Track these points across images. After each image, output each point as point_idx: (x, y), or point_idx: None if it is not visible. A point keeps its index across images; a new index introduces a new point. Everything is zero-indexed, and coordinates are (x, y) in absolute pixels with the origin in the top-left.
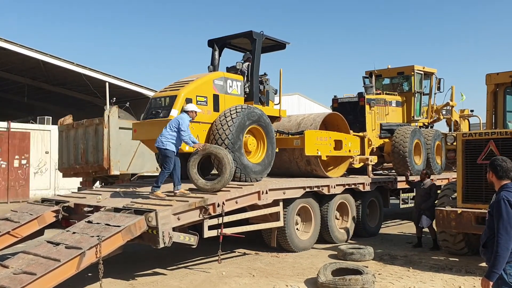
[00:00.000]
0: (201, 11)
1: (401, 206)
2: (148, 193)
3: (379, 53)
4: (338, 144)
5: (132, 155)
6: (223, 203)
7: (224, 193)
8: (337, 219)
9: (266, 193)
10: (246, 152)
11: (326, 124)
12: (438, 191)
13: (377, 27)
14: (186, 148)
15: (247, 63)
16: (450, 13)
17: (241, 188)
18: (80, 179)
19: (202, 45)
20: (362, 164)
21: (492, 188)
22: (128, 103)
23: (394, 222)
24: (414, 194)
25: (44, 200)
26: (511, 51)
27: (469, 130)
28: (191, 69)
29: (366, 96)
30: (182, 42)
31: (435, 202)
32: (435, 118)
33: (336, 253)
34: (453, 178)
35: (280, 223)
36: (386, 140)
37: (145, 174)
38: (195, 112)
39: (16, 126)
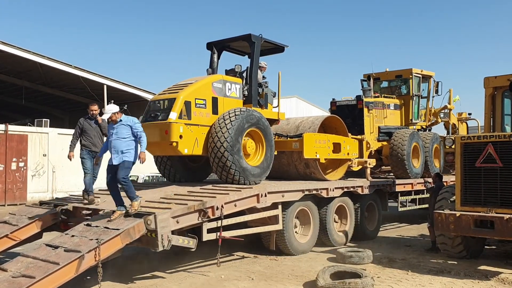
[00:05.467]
0: (200, 14)
1: (400, 209)
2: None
3: (377, 56)
4: (336, 147)
5: None
6: (222, 206)
7: (223, 196)
8: (336, 222)
9: (265, 196)
10: (245, 155)
11: (325, 127)
12: None
13: (375, 30)
14: (185, 151)
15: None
16: (448, 16)
17: (240, 191)
18: None
19: (201, 48)
20: (360, 167)
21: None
22: (126, 105)
23: (393, 225)
24: (412, 197)
25: (42, 203)
26: (509, 54)
27: (467, 133)
28: (190, 72)
29: (364, 99)
30: (181, 44)
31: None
32: (433, 121)
33: (335, 256)
34: (452, 181)
35: (279, 226)
36: (385, 143)
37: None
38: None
39: (13, 128)
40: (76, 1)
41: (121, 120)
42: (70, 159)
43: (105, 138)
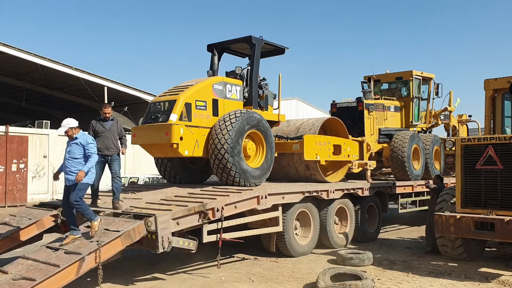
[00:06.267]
0: (201, 16)
1: (400, 211)
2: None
3: (377, 58)
4: (337, 149)
5: None
6: (222, 208)
7: (224, 198)
8: (336, 224)
9: (265, 197)
10: (245, 157)
11: (325, 129)
12: None
13: (376, 32)
14: (185, 153)
15: (246, 68)
16: (448, 18)
17: (240, 192)
18: None
19: (202, 50)
20: (361, 169)
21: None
22: (126, 107)
23: (393, 227)
24: (413, 199)
25: (43, 205)
26: (510, 56)
27: (468, 135)
28: (191, 73)
29: (365, 101)
30: (182, 46)
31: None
32: (433, 123)
33: (335, 258)
34: (452, 183)
35: (279, 228)
36: (385, 145)
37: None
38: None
39: (14, 130)
40: (77, 3)
41: (76, 138)
42: None
43: (119, 141)
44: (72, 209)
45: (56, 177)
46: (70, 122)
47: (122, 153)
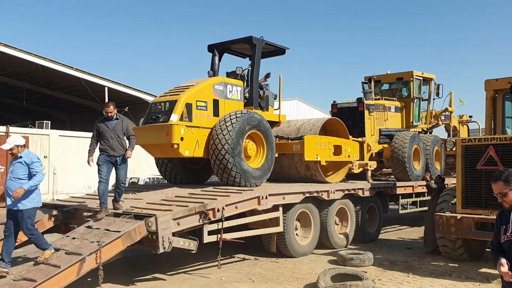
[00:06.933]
0: (201, 16)
1: (401, 212)
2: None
3: (378, 58)
4: (337, 150)
5: None
6: (223, 208)
7: (224, 198)
8: (337, 224)
9: (266, 198)
10: (246, 157)
11: (326, 129)
12: None
13: (377, 33)
14: (186, 153)
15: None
16: (449, 19)
17: (241, 193)
18: None
19: (202, 50)
20: (361, 169)
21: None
22: (127, 107)
23: (394, 227)
24: (413, 199)
25: (43, 205)
26: (510, 57)
27: (468, 136)
28: (191, 74)
29: (365, 102)
30: (182, 47)
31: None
32: (434, 123)
33: (336, 258)
34: (452, 184)
35: (279, 229)
36: (385, 145)
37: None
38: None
39: (14, 130)
40: (77, 3)
41: (21, 157)
42: (89, 164)
43: (126, 141)
44: (17, 235)
45: (2, 199)
46: (16, 140)
47: (127, 156)
